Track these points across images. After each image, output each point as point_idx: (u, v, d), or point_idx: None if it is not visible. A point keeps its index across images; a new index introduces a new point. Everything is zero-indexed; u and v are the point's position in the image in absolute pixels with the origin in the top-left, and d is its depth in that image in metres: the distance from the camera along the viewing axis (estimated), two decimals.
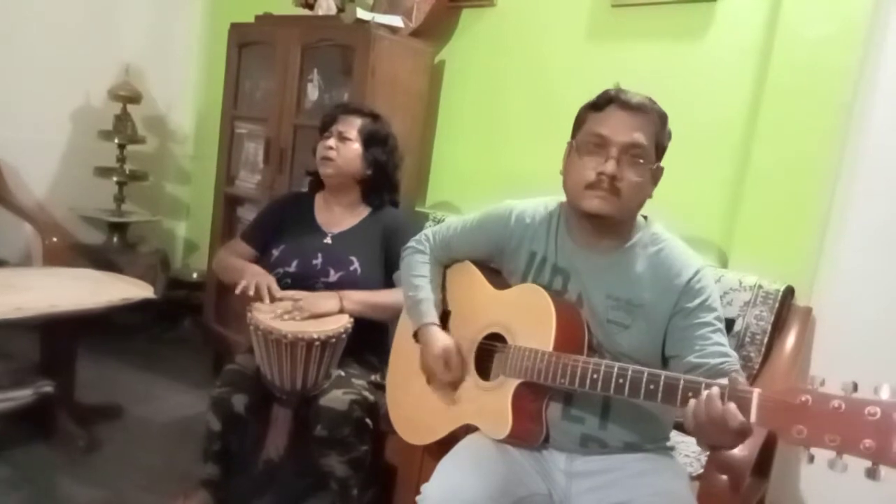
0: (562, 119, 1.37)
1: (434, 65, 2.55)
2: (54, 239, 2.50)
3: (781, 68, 1.82)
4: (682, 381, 1.04)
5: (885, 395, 0.82)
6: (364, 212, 1.94)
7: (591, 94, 1.30)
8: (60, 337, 2.18)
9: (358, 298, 1.77)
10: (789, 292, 1.76)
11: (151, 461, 2.11)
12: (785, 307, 1.75)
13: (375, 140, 1.90)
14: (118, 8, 3.16)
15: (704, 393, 1.01)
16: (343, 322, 1.69)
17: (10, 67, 2.85)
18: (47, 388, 2.12)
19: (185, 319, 3.30)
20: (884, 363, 1.66)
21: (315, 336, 1.60)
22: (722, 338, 1.23)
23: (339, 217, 1.93)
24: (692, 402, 1.02)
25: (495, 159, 2.46)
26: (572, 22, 2.25)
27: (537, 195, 1.45)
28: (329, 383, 1.69)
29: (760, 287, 1.76)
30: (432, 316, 1.48)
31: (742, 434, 0.98)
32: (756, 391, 0.94)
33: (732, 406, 0.97)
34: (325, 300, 1.74)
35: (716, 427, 0.98)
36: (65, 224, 2.87)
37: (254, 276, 1.76)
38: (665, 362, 1.27)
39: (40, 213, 2.72)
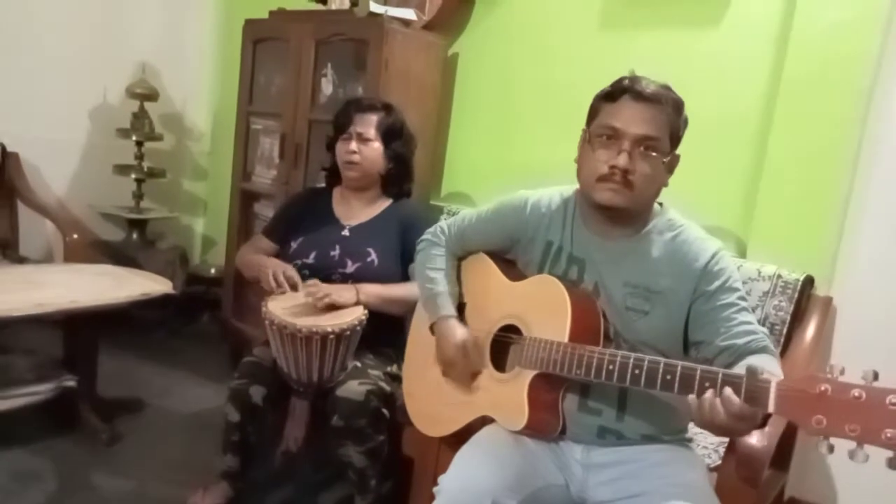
0: (576, 110, 1.36)
1: (447, 57, 2.54)
2: (75, 236, 2.54)
3: (799, 55, 1.80)
4: (698, 371, 1.03)
5: None
6: (382, 204, 1.95)
7: (604, 85, 1.28)
8: (82, 332, 2.21)
9: (374, 291, 1.78)
10: (809, 282, 1.75)
11: (172, 453, 2.14)
12: (804, 297, 1.73)
13: (393, 134, 1.91)
14: (133, 6, 3.20)
15: (692, 398, 1.02)
16: (357, 314, 1.69)
17: (28, 67, 2.90)
18: (70, 382, 2.16)
19: (204, 314, 3.34)
20: None
21: (329, 330, 1.61)
22: (748, 316, 1.22)
23: (356, 210, 1.94)
24: (691, 398, 1.02)
25: (510, 151, 2.46)
26: (585, 12, 2.24)
27: (552, 186, 1.44)
28: (345, 374, 1.69)
29: (780, 277, 1.74)
30: (449, 308, 1.47)
31: (744, 419, 0.97)
32: (774, 381, 0.93)
33: (729, 392, 0.97)
34: (343, 292, 1.75)
35: (716, 422, 0.99)
36: (85, 221, 2.91)
37: (275, 267, 1.77)
38: (686, 349, 1.26)
39: (61, 211, 2.76)
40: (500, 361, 1.39)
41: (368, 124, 1.88)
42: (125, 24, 3.17)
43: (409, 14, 2.36)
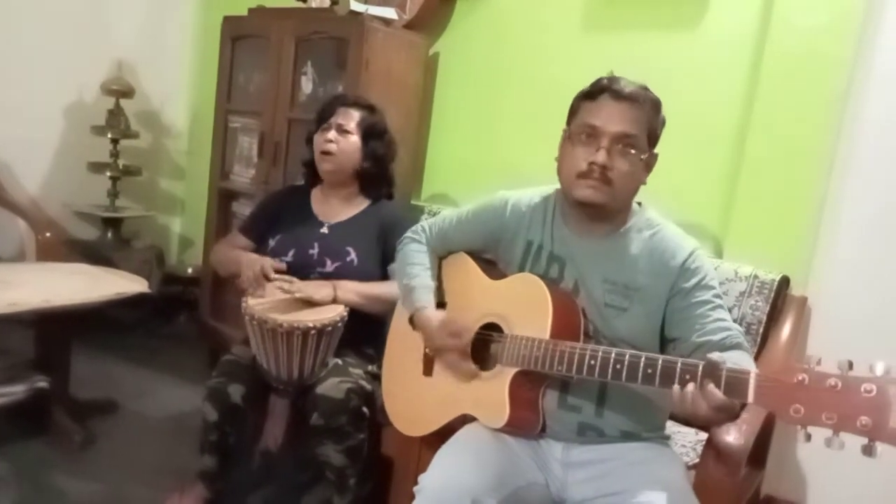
0: (557, 110, 1.38)
1: (428, 57, 2.54)
2: (48, 234, 2.49)
3: (776, 57, 1.83)
4: (679, 364, 1.04)
5: (879, 371, 0.84)
6: (362, 204, 1.94)
7: (585, 85, 1.30)
8: (55, 332, 2.17)
9: (352, 288, 1.77)
10: (784, 282, 1.77)
11: (147, 456, 2.10)
12: (780, 297, 1.76)
13: (374, 133, 1.90)
14: (110, 2, 3.14)
15: (677, 388, 1.03)
16: (339, 310, 1.68)
17: (1, 63, 2.83)
18: (42, 383, 2.11)
19: (181, 315, 3.30)
20: (880, 352, 1.65)
21: (310, 325, 1.60)
22: (722, 313, 1.24)
23: (336, 208, 1.93)
24: (676, 388, 1.04)
25: (491, 151, 2.46)
26: (567, 12, 2.25)
27: (534, 185, 1.45)
28: (326, 372, 1.68)
29: (756, 277, 1.76)
30: (425, 301, 1.47)
31: (723, 410, 1.00)
32: (753, 372, 0.95)
33: (711, 386, 0.99)
34: (320, 288, 1.73)
35: (697, 413, 1.01)
36: (58, 220, 2.86)
37: (250, 265, 1.75)
38: (663, 346, 1.28)
39: (34, 209, 2.71)
40: (481, 360, 1.38)
41: (350, 118, 1.88)
42: (101, 21, 3.11)
43: (389, 13, 2.35)
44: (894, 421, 0.81)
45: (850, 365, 0.85)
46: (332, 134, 1.85)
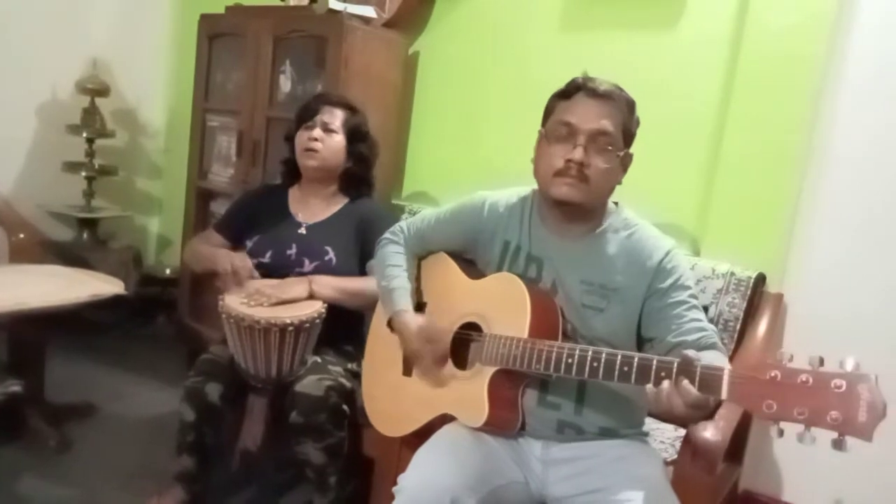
0: (536, 109, 1.38)
1: (408, 56, 2.53)
2: (21, 236, 2.45)
3: (751, 58, 1.85)
4: (654, 362, 1.05)
5: (849, 367, 0.85)
6: (340, 203, 1.93)
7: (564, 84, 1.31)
8: (29, 335, 2.14)
9: (329, 283, 1.76)
10: (761, 279, 1.79)
11: (125, 459, 2.08)
12: (757, 294, 1.77)
13: (358, 135, 1.90)
14: None
15: (651, 387, 1.04)
16: (316, 307, 1.67)
17: None
18: (15, 387, 2.07)
19: (159, 316, 3.26)
20: (853, 348, 1.68)
21: (288, 321, 1.58)
22: (698, 313, 1.26)
23: (314, 208, 1.91)
24: (649, 387, 1.04)
25: (471, 150, 2.46)
26: (546, 12, 2.26)
27: (513, 185, 1.46)
28: (305, 370, 1.67)
29: (733, 274, 1.78)
30: (404, 303, 1.47)
31: (698, 406, 1.01)
32: (726, 369, 0.96)
33: (685, 383, 1.00)
34: (294, 286, 1.72)
35: (673, 410, 1.02)
36: (32, 221, 2.80)
37: (227, 259, 1.73)
38: (640, 346, 1.29)
39: (7, 210, 2.64)
40: (460, 359, 1.39)
41: (335, 117, 1.87)
42: (76, 17, 3.06)
43: (368, 11, 2.34)
44: (863, 415, 0.82)
45: (821, 361, 0.87)
46: (317, 132, 1.84)
